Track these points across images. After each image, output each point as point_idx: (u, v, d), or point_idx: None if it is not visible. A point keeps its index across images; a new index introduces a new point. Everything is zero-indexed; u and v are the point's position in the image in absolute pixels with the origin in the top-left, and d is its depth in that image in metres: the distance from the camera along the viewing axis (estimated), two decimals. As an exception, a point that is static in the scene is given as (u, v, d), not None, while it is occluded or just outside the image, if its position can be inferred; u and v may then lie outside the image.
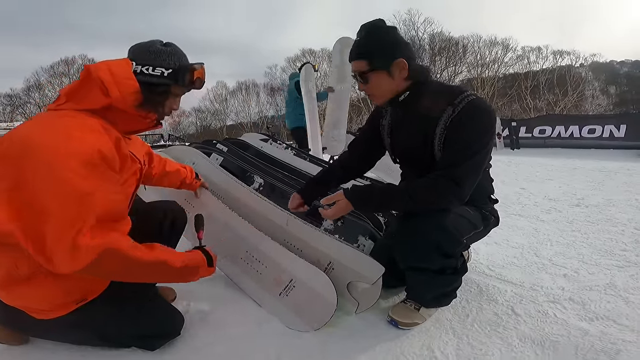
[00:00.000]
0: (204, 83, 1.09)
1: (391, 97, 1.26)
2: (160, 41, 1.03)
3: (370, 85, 1.25)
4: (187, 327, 1.25)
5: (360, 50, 1.23)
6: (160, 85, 0.99)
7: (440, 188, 1.14)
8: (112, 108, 0.94)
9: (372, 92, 1.27)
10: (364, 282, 1.35)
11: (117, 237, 0.89)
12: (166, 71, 0.98)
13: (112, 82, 0.91)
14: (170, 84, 1.00)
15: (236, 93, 37.33)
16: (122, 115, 0.96)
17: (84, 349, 1.15)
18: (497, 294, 1.51)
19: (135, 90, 0.94)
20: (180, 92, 1.07)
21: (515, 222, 2.57)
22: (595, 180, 4.18)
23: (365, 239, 1.70)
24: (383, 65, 1.21)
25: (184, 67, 1.01)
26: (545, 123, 9.52)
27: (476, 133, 1.15)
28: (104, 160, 0.87)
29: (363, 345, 1.20)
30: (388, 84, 1.23)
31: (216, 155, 2.55)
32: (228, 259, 1.61)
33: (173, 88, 1.02)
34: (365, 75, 1.23)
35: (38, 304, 0.99)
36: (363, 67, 1.22)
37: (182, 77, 1.01)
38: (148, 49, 0.99)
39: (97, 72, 0.91)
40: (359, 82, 1.27)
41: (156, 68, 0.97)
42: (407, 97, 1.25)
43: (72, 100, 0.93)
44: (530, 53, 30.10)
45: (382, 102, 1.29)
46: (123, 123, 0.99)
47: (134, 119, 0.99)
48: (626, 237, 2.15)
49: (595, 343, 1.16)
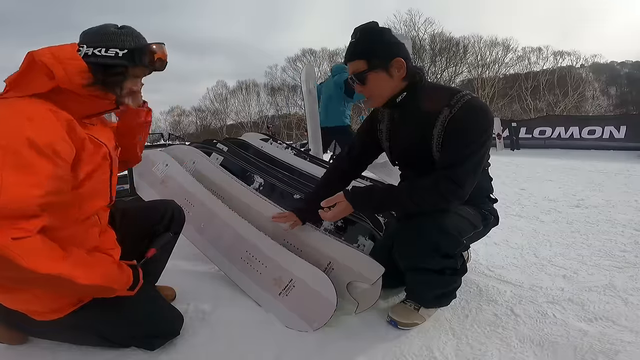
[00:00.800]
0: (165, 63, 1.06)
1: (389, 98, 1.25)
2: (115, 25, 1.01)
3: (368, 86, 1.24)
4: (187, 327, 1.25)
5: (357, 50, 1.22)
6: (115, 66, 0.96)
7: (440, 188, 1.14)
8: (60, 91, 0.91)
9: (371, 93, 1.26)
10: (364, 282, 1.35)
11: (6, 239, 0.77)
12: (121, 52, 0.96)
13: (55, 64, 0.88)
14: (126, 64, 0.97)
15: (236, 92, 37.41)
16: (73, 97, 0.93)
17: (84, 348, 1.15)
18: (496, 294, 1.51)
19: (82, 70, 0.91)
20: (141, 73, 1.04)
21: (515, 223, 2.57)
22: (595, 181, 4.18)
23: (365, 239, 1.70)
24: (382, 64, 1.20)
25: (141, 47, 0.99)
26: (545, 124, 9.52)
27: (474, 132, 1.16)
28: (32, 148, 0.81)
29: (362, 346, 1.20)
30: (387, 83, 1.23)
31: (216, 155, 2.55)
32: (228, 259, 1.61)
33: (131, 69, 1.00)
34: (363, 76, 1.22)
35: (34, 307, 1.00)
36: (361, 67, 1.21)
37: (140, 57, 0.98)
38: (100, 32, 0.97)
39: (39, 57, 0.89)
40: (356, 84, 1.25)
41: (109, 49, 0.95)
42: (404, 98, 1.25)
43: (16, 87, 0.91)
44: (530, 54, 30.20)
45: (379, 103, 1.28)
46: (76, 105, 0.95)
47: (87, 100, 0.96)
48: (625, 238, 2.15)
49: (594, 344, 1.16)
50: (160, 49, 1.03)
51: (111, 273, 0.99)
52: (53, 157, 0.84)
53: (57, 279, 0.85)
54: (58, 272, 0.85)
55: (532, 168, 5.34)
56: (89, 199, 1.02)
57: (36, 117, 0.84)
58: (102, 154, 1.02)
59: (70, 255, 0.90)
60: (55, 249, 0.87)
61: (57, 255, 0.87)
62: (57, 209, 0.89)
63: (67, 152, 0.88)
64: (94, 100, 0.97)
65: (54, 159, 0.84)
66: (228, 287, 1.54)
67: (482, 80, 29.36)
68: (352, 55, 1.23)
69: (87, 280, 0.91)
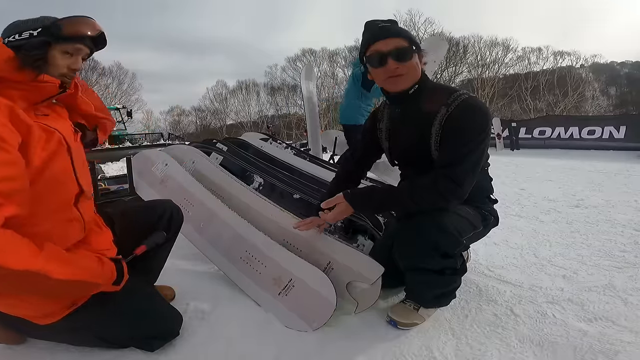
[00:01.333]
0: (100, 34, 1.03)
1: (412, 83, 1.24)
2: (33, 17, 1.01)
3: (408, 64, 1.20)
4: (186, 327, 1.25)
5: (399, 29, 1.21)
6: (33, 46, 0.94)
7: (439, 187, 1.14)
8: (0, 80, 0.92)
9: (408, 70, 1.21)
10: (363, 282, 1.35)
11: None
12: (35, 31, 0.95)
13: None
14: (47, 40, 0.96)
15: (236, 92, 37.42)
16: (13, 85, 0.93)
17: (82, 349, 1.15)
18: (496, 294, 1.51)
19: (9, 57, 0.92)
20: (72, 49, 1.00)
21: (515, 223, 2.57)
22: (594, 181, 4.18)
23: (364, 239, 1.70)
24: (418, 49, 1.22)
25: (54, 22, 0.97)
26: (545, 124, 9.54)
27: (471, 131, 1.16)
28: None
29: (362, 345, 1.20)
30: (417, 68, 1.23)
31: (216, 155, 2.56)
32: (227, 258, 1.61)
33: (55, 44, 0.97)
34: (406, 52, 1.19)
35: (26, 312, 0.99)
36: (404, 43, 1.19)
37: (56, 31, 0.96)
38: (13, 24, 0.98)
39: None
40: (391, 60, 1.19)
41: (22, 33, 0.95)
42: (415, 91, 1.24)
43: None
44: (530, 54, 30.26)
45: (406, 86, 1.24)
46: (20, 93, 0.95)
47: (29, 86, 0.95)
48: (625, 238, 2.15)
49: (594, 344, 1.16)
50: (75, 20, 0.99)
51: (90, 267, 0.96)
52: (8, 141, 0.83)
53: (31, 275, 0.82)
54: (30, 267, 0.81)
55: (531, 168, 5.34)
56: (54, 188, 0.99)
57: None
58: (55, 140, 0.99)
59: (44, 249, 0.86)
60: (26, 244, 0.84)
61: (29, 249, 0.83)
62: (21, 198, 0.87)
63: (11, 137, 0.85)
64: (36, 86, 0.96)
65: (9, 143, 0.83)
66: (227, 286, 1.54)
67: (482, 80, 29.40)
68: (394, 32, 1.20)
69: (64, 275, 0.87)
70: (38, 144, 0.93)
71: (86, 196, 1.10)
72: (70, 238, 1.05)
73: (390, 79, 1.23)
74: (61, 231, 1.02)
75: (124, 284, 1.06)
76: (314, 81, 4.95)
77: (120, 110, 16.05)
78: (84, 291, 0.99)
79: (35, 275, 0.82)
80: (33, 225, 0.94)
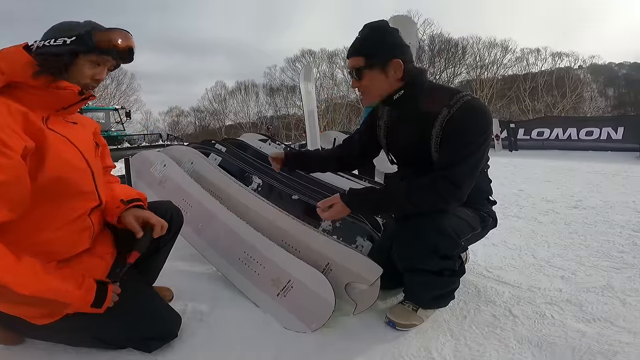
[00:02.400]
0: (128, 51, 1.03)
1: (383, 96, 1.28)
2: (77, 22, 1.00)
3: (364, 83, 1.27)
4: (185, 328, 1.25)
5: (358, 47, 1.25)
6: (62, 54, 0.94)
7: (438, 189, 1.14)
8: (17, 86, 0.91)
9: (365, 89, 1.28)
10: (362, 283, 1.35)
11: None
12: (69, 39, 0.94)
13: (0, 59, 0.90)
14: (76, 50, 0.95)
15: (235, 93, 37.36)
16: (30, 90, 0.93)
17: (79, 350, 1.14)
18: (494, 295, 1.51)
19: (27, 61, 0.91)
20: (100, 60, 1.01)
21: (513, 224, 2.58)
22: (592, 182, 4.20)
23: (363, 240, 1.70)
24: (379, 63, 1.23)
25: (88, 31, 0.96)
26: (543, 125, 9.56)
27: (472, 133, 1.16)
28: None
29: (360, 346, 1.20)
30: (382, 82, 1.25)
31: (215, 156, 2.55)
32: (226, 260, 1.60)
33: (83, 55, 0.97)
34: (360, 72, 1.25)
35: (28, 312, 0.98)
36: (360, 63, 1.24)
37: (88, 42, 0.96)
38: (55, 26, 0.98)
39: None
40: (353, 79, 1.29)
41: (58, 39, 0.94)
42: (402, 96, 1.26)
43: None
44: (529, 55, 30.28)
45: (373, 101, 1.31)
46: (37, 99, 0.94)
47: (47, 93, 0.95)
48: (623, 239, 2.16)
49: (592, 345, 1.16)
50: (110, 33, 0.99)
51: (61, 288, 0.94)
52: (11, 147, 0.83)
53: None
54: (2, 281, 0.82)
55: (530, 169, 5.36)
56: (71, 197, 1.00)
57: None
58: (72, 152, 1.00)
59: (19, 263, 0.87)
60: (2, 256, 0.84)
61: (3, 262, 0.84)
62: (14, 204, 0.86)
63: (15, 142, 0.85)
64: (54, 93, 0.96)
65: (13, 149, 0.83)
66: (226, 288, 1.54)
67: (481, 81, 29.44)
68: (353, 51, 1.27)
69: (29, 292, 0.87)
70: (52, 153, 0.94)
71: (101, 207, 1.12)
72: (78, 247, 1.06)
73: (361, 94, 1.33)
74: (71, 240, 1.03)
75: (106, 307, 1.03)
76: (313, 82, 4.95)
77: (118, 110, 16.01)
78: (55, 308, 0.98)
79: (2, 287, 0.83)
80: (40, 234, 0.95)
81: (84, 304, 0.99)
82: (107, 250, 1.15)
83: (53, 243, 0.99)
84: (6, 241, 0.86)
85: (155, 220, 1.16)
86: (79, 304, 0.98)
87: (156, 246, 1.29)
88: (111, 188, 1.20)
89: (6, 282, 0.83)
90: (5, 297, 0.87)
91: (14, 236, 0.90)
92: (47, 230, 0.97)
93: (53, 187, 0.95)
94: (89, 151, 1.08)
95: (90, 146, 1.11)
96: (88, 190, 1.06)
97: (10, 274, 0.84)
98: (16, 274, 0.85)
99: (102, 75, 1.03)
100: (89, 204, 1.06)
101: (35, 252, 0.94)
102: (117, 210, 1.15)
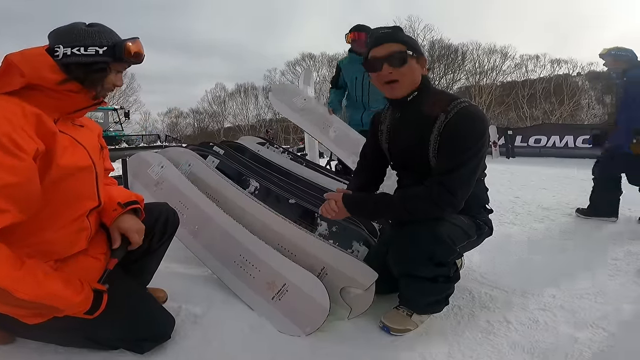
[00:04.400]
0: (143, 57, 1.08)
1: (411, 90, 1.25)
2: (83, 22, 1.02)
3: (404, 69, 1.21)
4: (178, 330, 1.25)
5: (397, 35, 1.24)
6: (97, 63, 0.98)
7: (433, 196, 1.15)
8: (33, 88, 0.92)
9: (403, 76, 1.22)
10: (357, 288, 1.35)
11: None
12: (101, 49, 0.97)
13: (22, 61, 0.91)
14: (108, 61, 0.99)
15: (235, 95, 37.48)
16: (47, 93, 0.94)
17: (70, 350, 1.14)
18: (488, 301, 1.52)
19: (51, 65, 0.93)
20: (122, 68, 1.07)
21: (509, 231, 2.59)
22: (588, 190, 4.18)
23: (359, 245, 1.71)
24: (417, 54, 1.23)
25: (120, 43, 1.01)
26: (540, 132, 9.59)
27: (468, 140, 1.17)
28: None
29: (355, 351, 1.20)
30: (417, 73, 1.25)
31: (212, 158, 2.55)
32: (221, 262, 1.60)
33: (112, 65, 1.02)
34: (403, 57, 1.20)
35: (20, 311, 0.98)
36: (402, 48, 1.21)
37: (120, 52, 1.00)
38: (73, 32, 0.98)
39: (11, 57, 0.91)
40: (386, 65, 1.21)
41: (88, 47, 0.96)
42: (414, 97, 1.26)
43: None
44: (528, 61, 30.49)
45: (404, 91, 1.25)
46: (52, 102, 0.96)
47: (64, 96, 0.97)
48: (618, 247, 2.17)
49: (584, 350, 1.17)
50: (135, 43, 1.04)
51: (60, 295, 0.95)
52: (11, 148, 0.83)
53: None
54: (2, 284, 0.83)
55: (526, 176, 5.37)
56: (74, 201, 1.02)
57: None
58: (80, 154, 1.02)
59: (23, 268, 0.87)
60: (6, 259, 0.85)
61: (7, 265, 0.85)
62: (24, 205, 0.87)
63: (28, 144, 0.86)
64: (70, 97, 0.97)
65: (12, 149, 0.83)
66: (221, 290, 1.54)
67: (480, 87, 29.60)
68: (391, 37, 1.23)
69: (28, 297, 0.88)
70: (62, 153, 0.95)
71: (99, 209, 1.13)
72: (75, 247, 1.06)
73: (387, 85, 1.25)
74: (68, 240, 1.04)
75: (98, 314, 1.04)
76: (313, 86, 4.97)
77: (117, 111, 16.02)
78: (49, 312, 0.98)
79: (2, 290, 0.83)
80: (43, 233, 0.96)
81: (79, 311, 1.00)
82: (101, 251, 1.15)
83: (53, 243, 0.99)
84: (8, 240, 0.86)
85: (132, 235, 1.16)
86: (71, 311, 0.99)
87: (148, 247, 1.30)
88: (108, 190, 1.21)
89: (7, 286, 0.84)
90: (4, 300, 0.87)
91: (16, 235, 0.90)
92: (49, 229, 0.97)
93: (60, 187, 0.96)
94: (95, 153, 1.10)
95: (96, 148, 1.14)
96: (90, 191, 1.07)
97: (11, 279, 0.85)
98: (18, 279, 0.86)
99: (121, 82, 1.08)
100: (89, 204, 1.07)
101: (34, 251, 0.95)
102: (114, 213, 1.16)
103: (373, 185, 1.55)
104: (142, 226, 1.20)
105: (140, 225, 1.19)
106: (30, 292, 0.88)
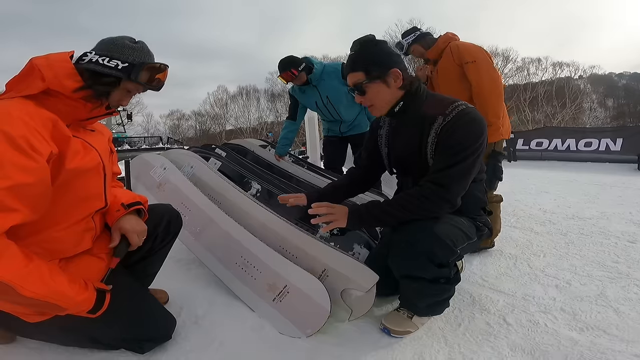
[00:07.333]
0: (162, 84, 1.08)
1: (390, 106, 1.29)
2: (132, 38, 1.03)
3: (368, 97, 1.28)
4: (179, 331, 1.26)
5: (356, 62, 1.27)
6: (108, 75, 0.98)
7: (426, 192, 1.17)
8: (51, 93, 0.93)
9: (371, 103, 1.29)
10: (358, 290, 1.35)
11: None
12: (121, 64, 0.98)
13: (45, 66, 0.92)
14: (120, 77, 0.99)
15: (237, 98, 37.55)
16: (63, 100, 0.95)
17: (71, 349, 1.15)
18: (489, 303, 1.52)
19: (70, 73, 0.94)
20: (134, 89, 1.05)
21: (510, 233, 2.58)
22: (590, 193, 4.20)
23: (360, 247, 1.71)
24: (379, 75, 1.24)
25: (141, 63, 1.00)
26: (542, 136, 9.57)
27: (465, 140, 1.18)
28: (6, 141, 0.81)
29: (355, 353, 1.20)
30: (385, 93, 1.27)
31: (214, 160, 2.57)
32: (222, 264, 1.61)
33: (124, 82, 1.01)
34: (362, 87, 1.26)
35: (21, 309, 1.00)
36: (360, 78, 1.25)
37: (137, 73, 1.00)
38: (113, 42, 1.00)
39: (34, 60, 0.93)
40: (356, 95, 1.29)
41: (112, 60, 0.97)
42: (402, 107, 1.29)
43: (13, 89, 0.93)
44: (530, 64, 30.45)
45: (381, 112, 1.32)
46: (67, 109, 0.97)
47: (79, 104, 0.97)
48: (619, 250, 2.17)
49: (584, 353, 1.17)
50: (160, 69, 1.05)
51: (65, 294, 0.95)
52: (27, 149, 0.84)
53: (3, 285, 0.84)
54: (4, 279, 0.83)
55: (528, 179, 5.36)
56: (83, 202, 1.04)
57: (15, 112, 0.85)
58: (92, 156, 1.03)
59: (29, 265, 0.88)
60: (14, 256, 0.86)
61: (15, 262, 0.86)
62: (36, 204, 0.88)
63: (43, 146, 0.87)
64: (85, 105, 0.99)
65: (27, 151, 0.84)
66: (222, 291, 1.54)
67: (481, 91, 29.50)
68: (350, 67, 1.28)
69: (34, 295, 0.88)
70: (74, 157, 0.96)
71: (105, 210, 1.14)
72: (80, 246, 1.08)
73: (368, 107, 1.33)
74: (74, 239, 1.05)
75: (100, 314, 1.05)
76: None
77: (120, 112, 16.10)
78: (52, 311, 1.00)
79: (7, 287, 0.84)
80: (50, 231, 0.97)
81: (82, 310, 1.01)
82: (105, 251, 1.16)
83: (59, 241, 1.01)
84: (15, 237, 0.88)
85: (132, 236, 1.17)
86: (74, 311, 1.00)
87: (151, 248, 1.31)
88: (114, 192, 1.23)
89: (12, 283, 0.84)
90: (7, 296, 0.88)
91: (23, 232, 0.92)
92: (56, 228, 0.99)
93: (70, 188, 0.98)
94: (106, 156, 1.12)
95: (107, 151, 1.16)
96: (98, 193, 1.09)
97: (17, 276, 0.85)
98: (23, 277, 0.86)
99: (127, 103, 1.08)
100: (97, 205, 1.09)
101: (40, 249, 0.96)
102: (117, 214, 1.17)
103: (356, 187, 1.59)
104: (144, 227, 1.21)
105: (142, 226, 1.20)
106: (35, 290, 0.88)
